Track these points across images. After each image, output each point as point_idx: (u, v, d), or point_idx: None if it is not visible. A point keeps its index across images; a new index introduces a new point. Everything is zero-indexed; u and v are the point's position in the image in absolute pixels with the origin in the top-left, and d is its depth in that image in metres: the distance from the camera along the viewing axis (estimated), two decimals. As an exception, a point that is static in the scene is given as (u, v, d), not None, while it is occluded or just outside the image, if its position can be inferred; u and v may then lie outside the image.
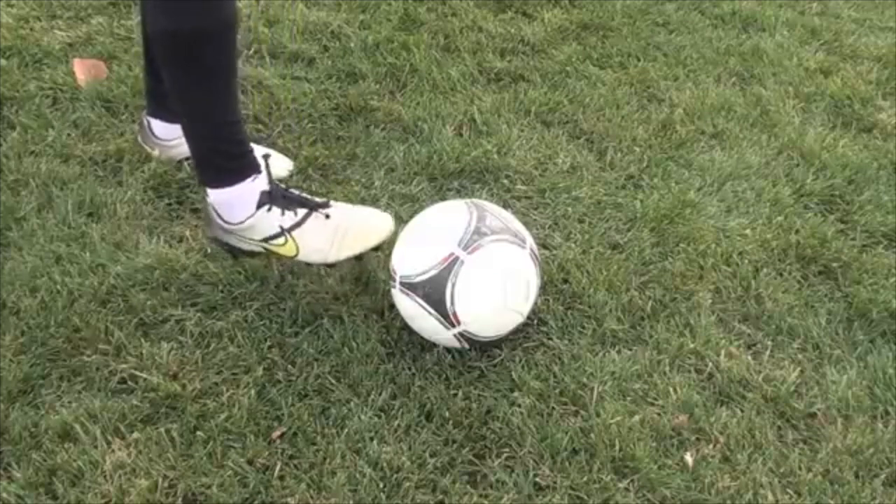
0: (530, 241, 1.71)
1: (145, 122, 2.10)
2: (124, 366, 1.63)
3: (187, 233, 1.93)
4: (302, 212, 1.75)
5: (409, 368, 1.67)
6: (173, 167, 2.08)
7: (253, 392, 1.60)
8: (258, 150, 2.09)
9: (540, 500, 1.49)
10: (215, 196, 1.76)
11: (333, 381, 1.64)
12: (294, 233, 1.75)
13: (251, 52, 2.56)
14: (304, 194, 1.80)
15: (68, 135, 2.17)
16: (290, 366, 1.66)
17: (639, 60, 2.75)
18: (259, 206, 1.74)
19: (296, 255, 1.77)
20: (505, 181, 2.19)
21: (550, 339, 1.77)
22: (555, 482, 1.51)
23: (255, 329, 1.72)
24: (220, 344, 1.69)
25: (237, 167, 1.74)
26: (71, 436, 1.50)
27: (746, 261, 2.00)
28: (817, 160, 2.35)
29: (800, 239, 2.07)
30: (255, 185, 1.74)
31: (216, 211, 1.77)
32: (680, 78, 2.69)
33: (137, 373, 1.62)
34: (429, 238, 1.68)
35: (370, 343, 1.70)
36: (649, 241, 2.03)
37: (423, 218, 1.74)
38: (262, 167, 1.76)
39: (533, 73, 2.63)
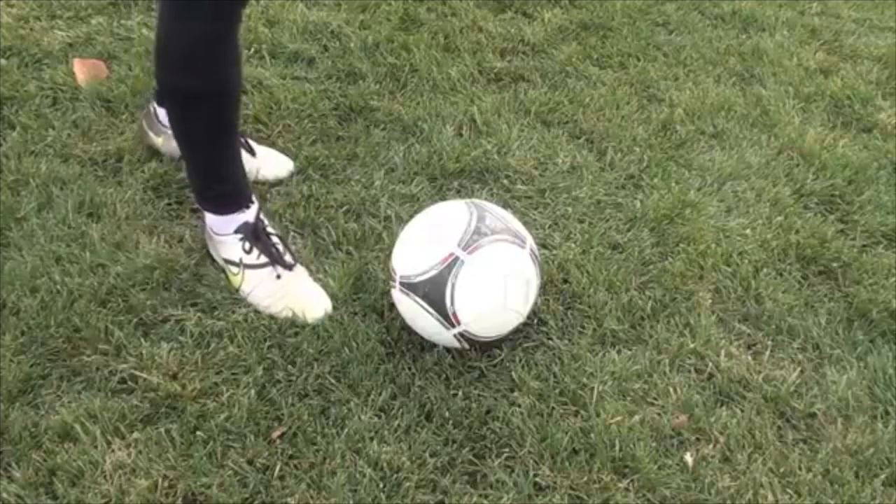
0: (530, 241, 1.71)
1: (151, 109, 2.10)
2: (124, 366, 1.63)
3: (187, 233, 1.93)
4: (263, 259, 1.79)
5: (409, 368, 1.67)
6: (173, 167, 2.08)
7: (253, 392, 1.60)
8: (260, 153, 2.08)
9: (540, 500, 1.49)
10: (208, 216, 1.84)
11: (333, 381, 1.64)
12: (247, 271, 1.79)
13: (251, 51, 2.56)
14: (279, 245, 1.83)
15: (68, 135, 2.17)
16: (290, 366, 1.66)
17: (639, 60, 2.75)
18: (236, 231, 1.80)
19: (238, 289, 1.80)
20: (505, 181, 2.19)
21: (550, 339, 1.77)
22: (555, 482, 1.51)
23: (255, 329, 1.72)
24: (220, 344, 1.69)
25: (224, 203, 1.81)
26: (71, 436, 1.50)
27: (746, 261, 2.00)
28: (817, 160, 2.35)
29: (800, 239, 2.07)
30: (241, 215, 1.81)
31: (206, 222, 1.85)
32: (680, 78, 2.69)
33: (137, 373, 1.62)
34: (429, 238, 1.68)
35: (370, 343, 1.70)
36: (649, 241, 2.03)
37: (422, 218, 1.74)
38: (255, 201, 1.83)
39: (533, 73, 2.63)
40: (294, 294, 1.77)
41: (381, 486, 1.47)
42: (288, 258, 1.81)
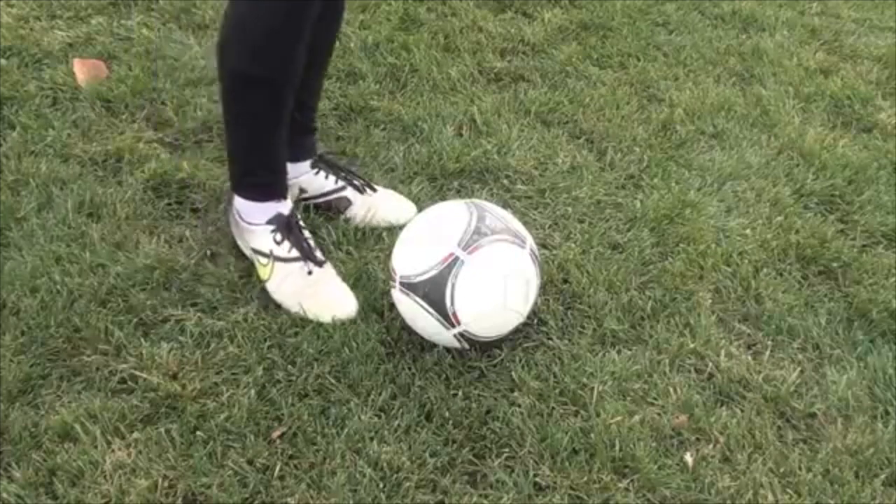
0: (530, 241, 1.71)
1: None
2: (124, 366, 1.63)
3: (187, 233, 1.93)
4: (294, 253, 1.79)
5: (409, 368, 1.67)
6: (173, 167, 2.08)
7: (253, 392, 1.60)
8: (381, 192, 2.03)
9: (540, 500, 1.49)
10: (239, 202, 1.82)
11: (333, 381, 1.64)
12: (277, 264, 1.79)
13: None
14: (311, 240, 1.82)
15: (68, 135, 2.17)
16: (290, 366, 1.66)
17: (639, 60, 2.75)
18: (269, 221, 1.79)
19: (265, 281, 1.79)
20: (505, 181, 2.19)
21: (550, 339, 1.77)
22: (555, 482, 1.51)
23: (255, 329, 1.72)
24: (220, 344, 1.69)
25: (265, 191, 1.80)
26: (71, 436, 1.50)
27: (746, 261, 2.00)
28: (817, 160, 2.35)
29: (800, 239, 2.07)
30: (276, 205, 1.80)
31: (236, 210, 1.83)
32: (680, 78, 2.69)
33: (137, 373, 1.62)
34: (429, 238, 1.68)
35: (370, 343, 1.70)
36: (649, 241, 2.03)
37: (422, 218, 1.74)
38: (290, 195, 1.82)
39: (533, 73, 2.63)
40: (323, 292, 1.77)
41: (381, 486, 1.47)
42: (318, 255, 1.81)
